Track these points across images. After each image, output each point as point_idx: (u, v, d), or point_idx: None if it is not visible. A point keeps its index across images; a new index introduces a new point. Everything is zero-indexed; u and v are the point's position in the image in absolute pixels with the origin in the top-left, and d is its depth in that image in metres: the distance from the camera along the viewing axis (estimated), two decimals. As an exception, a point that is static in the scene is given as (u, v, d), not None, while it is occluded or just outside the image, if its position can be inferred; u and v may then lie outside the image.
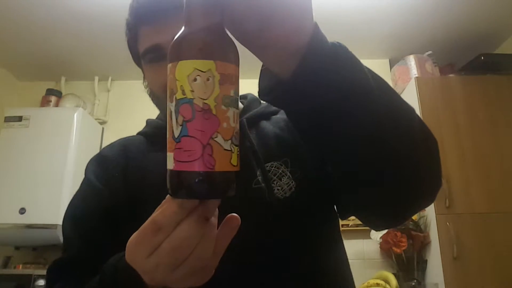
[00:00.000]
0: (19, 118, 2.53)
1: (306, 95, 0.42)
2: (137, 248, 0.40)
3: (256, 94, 0.82)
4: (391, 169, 0.46)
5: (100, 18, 2.34)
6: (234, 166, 0.37)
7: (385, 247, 2.35)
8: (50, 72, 2.95)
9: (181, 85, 0.36)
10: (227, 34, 0.40)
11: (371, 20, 2.45)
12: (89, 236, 0.66)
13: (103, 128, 2.94)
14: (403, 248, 2.24)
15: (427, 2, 2.29)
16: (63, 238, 0.69)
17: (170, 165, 0.37)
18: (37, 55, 2.74)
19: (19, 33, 2.50)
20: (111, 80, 3.05)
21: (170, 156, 0.37)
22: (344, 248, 0.72)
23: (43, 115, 2.58)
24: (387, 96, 0.46)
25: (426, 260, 2.25)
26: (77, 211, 0.71)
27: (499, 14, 2.39)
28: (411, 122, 0.48)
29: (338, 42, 0.43)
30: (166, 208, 0.38)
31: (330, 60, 0.42)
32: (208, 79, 0.36)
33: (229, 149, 0.37)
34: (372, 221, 0.63)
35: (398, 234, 2.27)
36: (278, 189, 0.64)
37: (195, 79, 0.36)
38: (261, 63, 0.48)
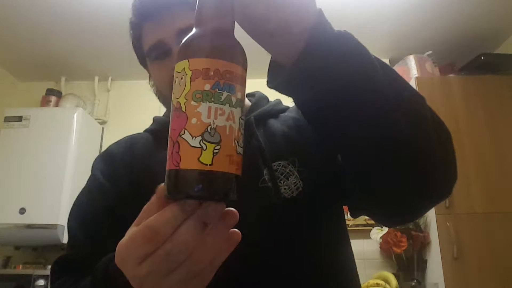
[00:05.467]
0: (19, 118, 2.53)
1: (310, 80, 0.43)
2: (128, 255, 0.37)
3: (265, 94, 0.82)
4: (403, 156, 0.45)
5: (100, 18, 2.34)
6: (204, 164, 0.35)
7: (385, 247, 2.35)
8: (50, 72, 2.95)
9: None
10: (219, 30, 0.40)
11: (371, 20, 2.45)
12: (94, 234, 0.66)
13: (103, 128, 2.93)
14: (403, 248, 2.24)
15: (427, 2, 2.29)
16: (68, 235, 0.69)
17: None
18: (37, 55, 2.74)
19: (19, 33, 2.50)
20: (111, 80, 3.05)
21: None
22: (351, 247, 0.72)
23: (43, 115, 2.58)
24: (396, 83, 0.46)
25: (426, 260, 2.25)
26: (82, 209, 0.71)
27: (499, 14, 2.39)
28: (422, 110, 0.48)
29: (344, 30, 0.44)
30: (164, 212, 0.36)
31: (334, 43, 0.42)
32: (181, 78, 0.36)
33: (198, 146, 0.35)
34: (385, 217, 0.61)
35: (398, 234, 2.27)
36: (285, 189, 0.63)
37: (175, 81, 0.37)
38: (267, 62, 0.49)
